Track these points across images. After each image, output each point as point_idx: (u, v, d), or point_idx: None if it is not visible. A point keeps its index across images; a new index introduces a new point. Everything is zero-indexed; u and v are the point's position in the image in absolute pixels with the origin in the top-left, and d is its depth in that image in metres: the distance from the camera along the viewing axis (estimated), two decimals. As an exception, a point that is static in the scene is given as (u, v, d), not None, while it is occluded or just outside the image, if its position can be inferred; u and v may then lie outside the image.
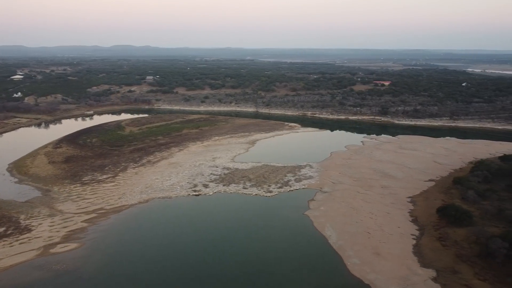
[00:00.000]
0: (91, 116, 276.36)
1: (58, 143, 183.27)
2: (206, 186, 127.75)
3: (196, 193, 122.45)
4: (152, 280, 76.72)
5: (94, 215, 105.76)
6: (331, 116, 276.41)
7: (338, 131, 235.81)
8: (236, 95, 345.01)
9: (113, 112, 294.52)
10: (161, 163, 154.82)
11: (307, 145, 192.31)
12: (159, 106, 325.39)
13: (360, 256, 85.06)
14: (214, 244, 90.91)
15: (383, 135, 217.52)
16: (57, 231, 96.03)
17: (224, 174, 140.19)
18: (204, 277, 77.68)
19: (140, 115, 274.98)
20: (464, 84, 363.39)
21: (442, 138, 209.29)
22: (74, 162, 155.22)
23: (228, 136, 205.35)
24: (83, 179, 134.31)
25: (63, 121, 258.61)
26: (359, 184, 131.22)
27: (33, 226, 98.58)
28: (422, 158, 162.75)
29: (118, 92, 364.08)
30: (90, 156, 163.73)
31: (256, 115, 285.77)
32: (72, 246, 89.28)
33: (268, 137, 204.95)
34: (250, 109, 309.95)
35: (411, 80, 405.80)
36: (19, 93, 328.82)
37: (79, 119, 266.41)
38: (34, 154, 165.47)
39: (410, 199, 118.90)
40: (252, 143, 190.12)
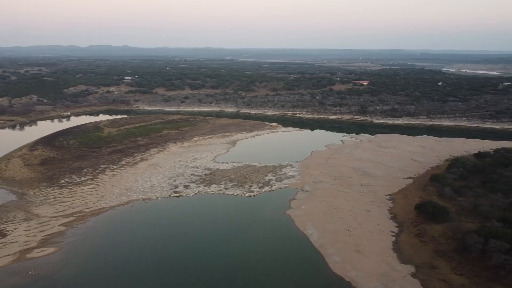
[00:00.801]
0: (68, 117, 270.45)
1: (34, 145, 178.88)
2: (187, 187, 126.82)
3: (177, 194, 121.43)
4: (132, 284, 75.64)
5: (72, 218, 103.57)
6: (311, 116, 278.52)
7: (318, 130, 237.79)
8: (216, 95, 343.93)
9: (91, 113, 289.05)
10: (140, 164, 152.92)
11: (288, 144, 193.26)
12: (138, 106, 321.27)
13: (341, 254, 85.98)
14: (196, 246, 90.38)
15: (362, 134, 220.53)
16: (33, 236, 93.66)
17: (205, 174, 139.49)
18: (186, 279, 77.11)
19: (119, 116, 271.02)
20: (440, 83, 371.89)
21: (419, 136, 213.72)
22: (51, 164, 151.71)
23: (209, 136, 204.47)
24: (61, 182, 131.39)
25: (39, 122, 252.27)
26: (340, 183, 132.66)
27: (8, 231, 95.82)
28: (400, 156, 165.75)
29: (96, 92, 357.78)
30: (67, 158, 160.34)
31: (236, 115, 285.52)
32: (50, 250, 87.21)
33: (249, 137, 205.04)
34: (231, 109, 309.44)
35: (389, 79, 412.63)
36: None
37: (56, 120, 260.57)
38: (8, 157, 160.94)
39: (389, 196, 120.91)
40: (233, 143, 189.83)
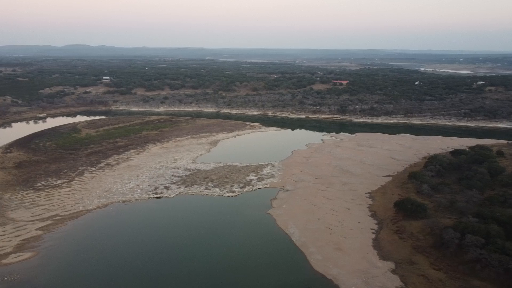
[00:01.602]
0: (44, 118, 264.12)
1: (8, 147, 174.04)
2: (167, 188, 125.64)
3: (158, 195, 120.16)
4: None
5: (49, 222, 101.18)
6: (291, 115, 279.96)
7: (299, 130, 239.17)
8: (196, 95, 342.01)
9: (68, 114, 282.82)
10: (120, 166, 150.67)
11: (269, 144, 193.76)
12: (116, 107, 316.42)
13: (323, 252, 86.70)
14: (178, 246, 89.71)
15: (342, 133, 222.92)
16: (9, 241, 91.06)
17: (186, 175, 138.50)
18: (168, 281, 76.34)
19: (97, 117, 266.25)
20: (417, 82, 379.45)
21: (397, 134, 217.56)
22: (27, 167, 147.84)
23: (189, 137, 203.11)
24: (37, 185, 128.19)
25: (14, 124, 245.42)
26: (320, 182, 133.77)
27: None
28: (379, 155, 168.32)
29: (73, 93, 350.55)
30: (44, 160, 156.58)
31: (217, 115, 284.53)
32: (26, 255, 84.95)
33: (230, 137, 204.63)
34: (211, 109, 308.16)
35: (368, 79, 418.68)
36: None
37: (31, 122, 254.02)
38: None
39: (369, 194, 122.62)
40: (214, 143, 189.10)
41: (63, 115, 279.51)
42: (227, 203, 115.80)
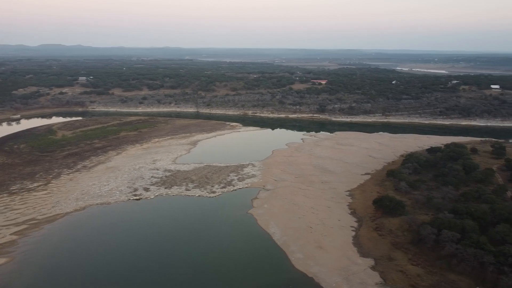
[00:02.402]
0: (18, 120, 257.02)
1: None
2: (147, 190, 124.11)
3: (137, 197, 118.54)
4: (91, 291, 73.07)
5: (24, 226, 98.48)
6: (271, 115, 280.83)
7: (279, 129, 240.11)
8: (175, 95, 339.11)
9: (43, 116, 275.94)
10: (98, 167, 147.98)
11: (249, 144, 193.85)
12: (94, 108, 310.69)
13: (304, 250, 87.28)
14: (158, 250, 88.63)
15: (321, 132, 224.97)
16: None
17: (166, 176, 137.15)
18: (149, 285, 75.37)
19: (74, 118, 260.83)
20: (394, 82, 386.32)
21: (375, 133, 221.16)
22: (0, 170, 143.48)
23: (169, 137, 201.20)
24: (11, 188, 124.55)
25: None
26: (301, 181, 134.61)
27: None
28: (358, 153, 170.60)
29: (48, 94, 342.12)
30: (18, 163, 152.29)
31: (197, 116, 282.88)
32: (1, 261, 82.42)
33: (210, 137, 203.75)
34: (191, 109, 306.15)
35: (346, 78, 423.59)
36: None
37: (4, 124, 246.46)
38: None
39: (348, 192, 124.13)
40: (194, 144, 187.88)
41: (38, 117, 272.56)
42: (208, 203, 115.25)
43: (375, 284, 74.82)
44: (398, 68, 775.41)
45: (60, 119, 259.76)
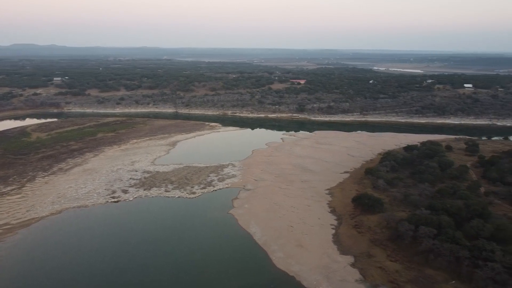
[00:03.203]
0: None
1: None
2: (125, 192, 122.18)
3: (115, 199, 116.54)
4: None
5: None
6: (251, 115, 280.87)
7: (258, 129, 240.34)
8: (154, 95, 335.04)
9: (16, 117, 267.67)
10: (74, 170, 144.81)
11: (229, 144, 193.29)
12: (69, 109, 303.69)
13: (284, 249, 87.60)
14: (138, 252, 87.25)
15: (301, 131, 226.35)
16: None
17: (145, 178, 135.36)
18: (131, 285, 74.17)
19: (49, 120, 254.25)
20: (371, 81, 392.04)
21: (354, 132, 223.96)
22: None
23: (147, 138, 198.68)
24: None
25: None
26: (281, 180, 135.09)
27: None
28: (337, 152, 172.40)
29: (21, 95, 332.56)
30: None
31: (175, 116, 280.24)
32: (-28, 268, 79.67)
33: (189, 137, 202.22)
34: (169, 109, 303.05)
35: (325, 78, 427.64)
36: None
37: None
38: None
39: (328, 191, 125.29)
40: (173, 144, 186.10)
41: (10, 118, 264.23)
42: (188, 204, 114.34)
43: (355, 281, 75.78)
44: (375, 67, 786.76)
45: (35, 121, 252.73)
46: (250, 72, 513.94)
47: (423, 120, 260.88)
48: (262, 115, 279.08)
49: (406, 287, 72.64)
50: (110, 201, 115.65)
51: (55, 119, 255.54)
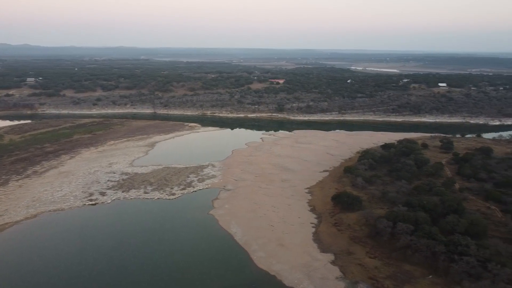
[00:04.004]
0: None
1: None
2: (103, 194, 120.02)
3: (93, 202, 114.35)
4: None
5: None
6: (230, 115, 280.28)
7: (238, 129, 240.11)
8: (131, 96, 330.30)
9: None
10: (50, 173, 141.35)
11: (209, 144, 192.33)
12: (44, 110, 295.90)
13: (265, 249, 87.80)
14: (117, 256, 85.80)
15: (280, 131, 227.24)
16: None
17: (123, 179, 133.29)
18: (107, 290, 73.01)
19: (22, 121, 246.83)
20: (349, 81, 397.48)
21: (332, 131, 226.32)
22: None
23: (125, 139, 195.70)
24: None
25: None
26: (261, 180, 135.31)
27: None
28: (316, 151, 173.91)
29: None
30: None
31: (154, 116, 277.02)
32: None
33: (168, 138, 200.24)
34: (148, 110, 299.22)
35: (303, 78, 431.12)
36: None
37: None
38: None
39: (308, 190, 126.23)
40: (152, 145, 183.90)
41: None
42: (168, 206, 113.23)
43: (335, 278, 76.61)
44: (352, 67, 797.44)
45: (7, 123, 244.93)
46: (229, 72, 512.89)
47: (399, 119, 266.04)
48: (242, 115, 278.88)
49: (385, 283, 73.89)
50: (87, 204, 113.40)
51: (29, 121, 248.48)
